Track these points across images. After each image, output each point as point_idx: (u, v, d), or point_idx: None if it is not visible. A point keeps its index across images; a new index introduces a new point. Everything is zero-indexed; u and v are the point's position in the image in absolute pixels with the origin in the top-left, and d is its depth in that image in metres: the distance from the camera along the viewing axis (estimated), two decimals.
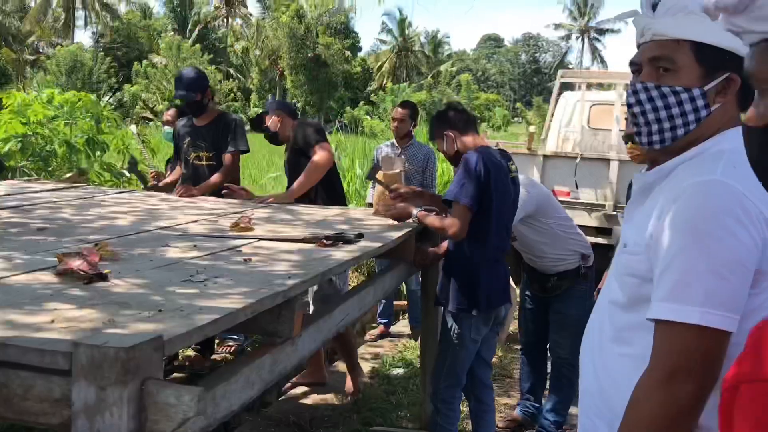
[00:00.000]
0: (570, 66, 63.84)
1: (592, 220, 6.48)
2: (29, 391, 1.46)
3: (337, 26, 44.09)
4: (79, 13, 49.31)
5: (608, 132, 7.15)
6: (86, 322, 1.63)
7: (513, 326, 5.45)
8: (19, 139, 5.60)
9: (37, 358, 1.44)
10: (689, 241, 1.24)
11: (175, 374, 4.33)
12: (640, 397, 1.26)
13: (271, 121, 4.36)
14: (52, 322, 1.63)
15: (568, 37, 69.67)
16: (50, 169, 5.91)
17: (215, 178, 4.39)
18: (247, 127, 4.85)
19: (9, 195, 3.89)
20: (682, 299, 1.22)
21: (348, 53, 43.74)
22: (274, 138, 4.43)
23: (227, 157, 4.47)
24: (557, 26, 68.46)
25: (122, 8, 51.25)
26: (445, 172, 10.29)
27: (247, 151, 4.64)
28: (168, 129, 5.41)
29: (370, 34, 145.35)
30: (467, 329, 3.27)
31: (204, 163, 4.55)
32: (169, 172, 5.14)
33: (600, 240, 6.02)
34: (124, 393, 1.37)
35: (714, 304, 1.20)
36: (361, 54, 51.17)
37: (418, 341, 4.95)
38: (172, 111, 5.66)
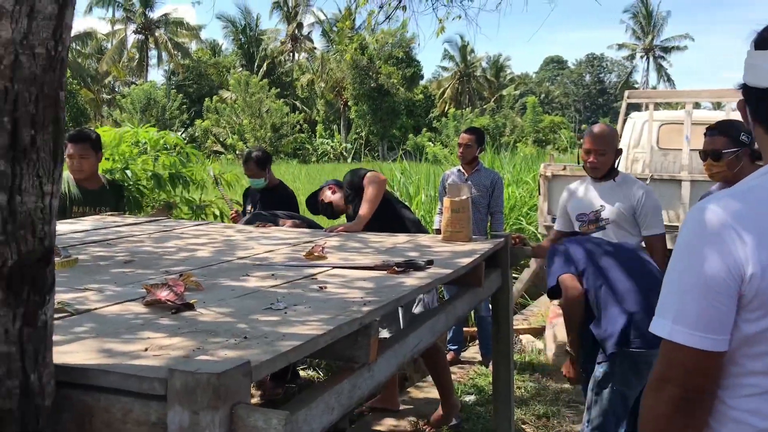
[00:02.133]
0: (636, 85, 62.62)
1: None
2: (128, 415, 1.55)
3: (399, 56, 44.61)
4: (152, 53, 51.56)
5: (678, 152, 7.01)
6: (178, 349, 1.73)
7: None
8: (110, 174, 5.91)
9: (135, 384, 1.53)
10: (673, 261, 1.38)
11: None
12: (642, 401, 1.42)
13: (325, 193, 4.61)
14: (146, 350, 1.73)
15: (632, 57, 68.42)
16: (141, 203, 6.20)
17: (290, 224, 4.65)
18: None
19: (96, 229, 4.10)
20: (660, 314, 1.38)
21: (406, 81, 44.09)
22: (331, 212, 4.60)
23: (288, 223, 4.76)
24: (620, 46, 67.38)
25: (193, 46, 53.30)
26: (511, 196, 10.24)
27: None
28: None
29: (432, 61, 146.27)
30: (610, 377, 3.21)
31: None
32: (250, 207, 5.43)
33: None
34: (215, 417, 1.45)
35: (682, 322, 1.33)
36: (423, 81, 51.56)
37: (490, 368, 4.93)
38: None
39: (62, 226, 3.97)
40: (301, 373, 5.31)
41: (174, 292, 2.28)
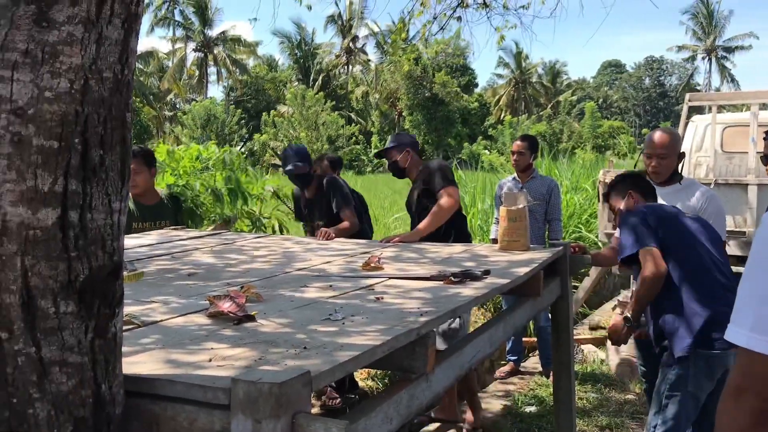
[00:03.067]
0: (697, 88, 60.90)
1: (732, 249, 6.15)
2: (193, 424, 1.61)
3: (454, 65, 44.56)
4: (212, 69, 52.90)
5: (744, 155, 6.80)
6: (240, 359, 1.78)
7: None
8: (172, 190, 6.10)
9: (200, 393, 1.59)
10: (750, 267, 1.29)
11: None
12: (719, 407, 1.32)
13: (402, 157, 4.52)
14: (210, 360, 1.79)
15: (693, 58, 66.61)
16: (200, 216, 6.37)
17: (344, 225, 4.65)
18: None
19: (160, 243, 4.23)
20: (737, 322, 1.29)
21: (460, 89, 43.99)
22: (400, 172, 4.60)
23: (344, 215, 4.78)
24: (680, 48, 65.67)
25: (250, 63, 54.46)
26: (570, 203, 10.08)
27: (350, 204, 4.88)
28: None
29: (487, 68, 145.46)
30: (684, 379, 3.14)
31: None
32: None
33: (742, 269, 5.69)
34: (277, 426, 1.48)
35: (761, 330, 1.24)
36: (477, 89, 51.35)
37: (550, 378, 4.86)
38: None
39: (128, 241, 4.11)
40: (359, 383, 5.35)
41: (236, 304, 2.34)
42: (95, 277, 1.47)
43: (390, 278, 3.02)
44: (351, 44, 55.75)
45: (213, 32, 52.76)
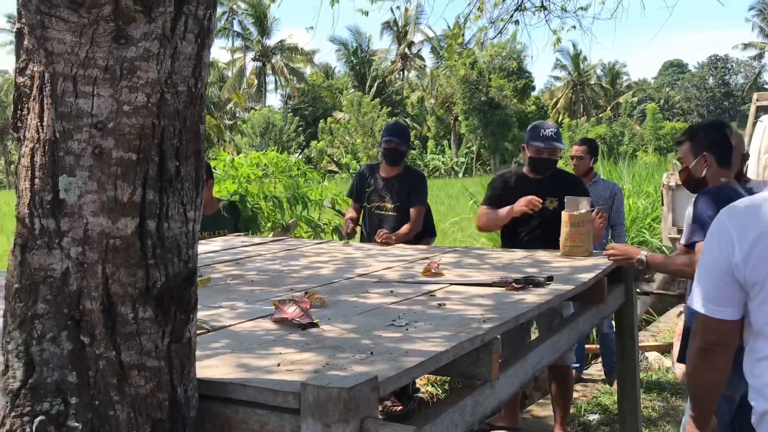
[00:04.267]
0: (766, 87, 58.72)
1: None
2: (264, 427, 1.64)
3: (510, 68, 44.19)
4: (270, 78, 53.80)
5: None
6: (308, 364, 1.81)
7: None
8: (232, 197, 6.24)
9: (270, 397, 1.62)
10: (702, 252, 2.07)
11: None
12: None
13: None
14: (279, 365, 1.83)
15: (760, 56, 64.26)
16: (260, 223, 6.50)
17: (405, 228, 4.62)
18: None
19: (225, 249, 4.33)
20: (695, 293, 1.97)
21: (517, 93, 43.56)
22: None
23: (414, 211, 4.70)
24: (746, 46, 63.44)
25: (307, 71, 55.17)
26: (632, 208, 9.87)
27: (425, 203, 4.85)
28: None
29: (543, 71, 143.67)
30: None
31: (384, 213, 4.79)
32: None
33: None
34: (346, 430, 1.51)
35: (706, 299, 1.92)
36: (534, 92, 50.75)
37: (614, 386, 4.76)
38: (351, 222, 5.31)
39: None
40: (421, 389, 5.35)
41: (300, 308, 2.39)
42: (171, 283, 1.52)
43: (451, 284, 3.02)
44: (407, 50, 55.88)
45: (271, 42, 53.68)
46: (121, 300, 1.48)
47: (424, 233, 4.86)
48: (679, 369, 5.54)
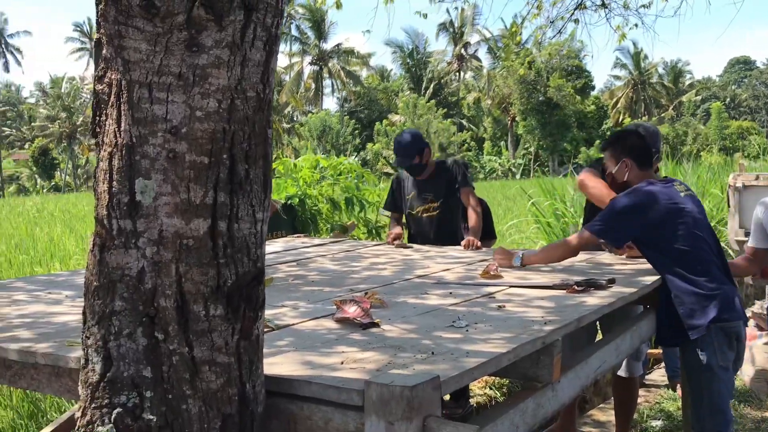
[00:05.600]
0: None
1: None
2: (329, 423, 1.68)
3: (569, 67, 43.51)
4: (327, 82, 54.33)
5: None
6: (371, 363, 1.84)
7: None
8: (293, 199, 6.35)
9: (335, 394, 1.66)
10: None
11: None
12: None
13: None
14: (342, 363, 1.86)
15: None
16: (319, 224, 6.60)
17: (474, 221, 4.55)
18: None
19: (286, 250, 4.42)
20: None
21: (572, 92, 42.83)
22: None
23: (464, 196, 4.61)
24: None
25: (363, 73, 55.51)
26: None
27: (471, 184, 4.74)
28: None
29: (603, 70, 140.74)
30: (712, 356, 3.10)
31: (431, 214, 4.75)
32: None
33: None
34: (409, 428, 1.53)
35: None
36: (594, 92, 49.84)
37: (678, 392, 4.66)
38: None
39: None
40: (478, 392, 5.33)
41: (361, 308, 2.42)
42: (241, 282, 1.58)
43: (511, 286, 3.01)
44: (463, 51, 55.65)
45: (328, 45, 54.23)
46: (194, 298, 1.54)
47: (484, 235, 4.81)
48: (747, 375, 5.38)
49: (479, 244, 4.33)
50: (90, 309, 1.59)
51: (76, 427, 1.60)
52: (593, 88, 49.20)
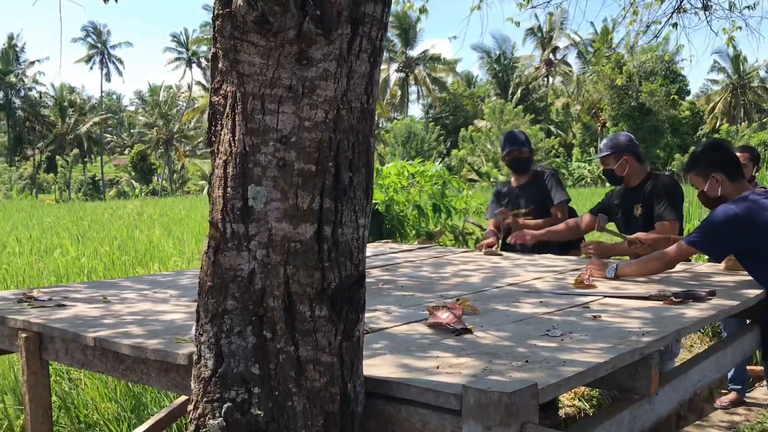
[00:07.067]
0: None
1: None
2: (426, 426, 1.72)
3: (662, 72, 42.05)
4: (412, 89, 54.57)
5: None
6: (467, 368, 1.87)
7: None
8: (380, 205, 6.44)
9: (432, 397, 1.69)
10: None
11: None
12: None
13: (619, 165, 4.19)
14: (438, 367, 1.90)
15: None
16: (405, 232, 6.66)
17: (538, 222, 4.56)
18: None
19: (375, 255, 4.49)
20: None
21: (675, 97, 41.29)
22: (616, 180, 4.32)
23: (554, 209, 4.62)
24: None
25: (449, 80, 55.44)
26: None
27: (569, 200, 4.71)
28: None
29: (699, 74, 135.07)
30: None
31: (531, 225, 4.72)
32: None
33: None
34: None
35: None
36: (689, 97, 47.94)
37: None
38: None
39: None
40: (566, 402, 5.24)
41: (453, 314, 2.45)
42: (344, 285, 1.64)
43: (605, 296, 2.97)
44: (551, 55, 54.73)
45: (414, 52, 54.49)
46: (300, 299, 1.61)
47: (573, 244, 4.75)
48: None
49: (527, 238, 4.40)
50: (204, 307, 1.68)
51: (189, 420, 1.70)
52: (688, 92, 47.34)
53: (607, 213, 4.40)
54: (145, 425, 3.66)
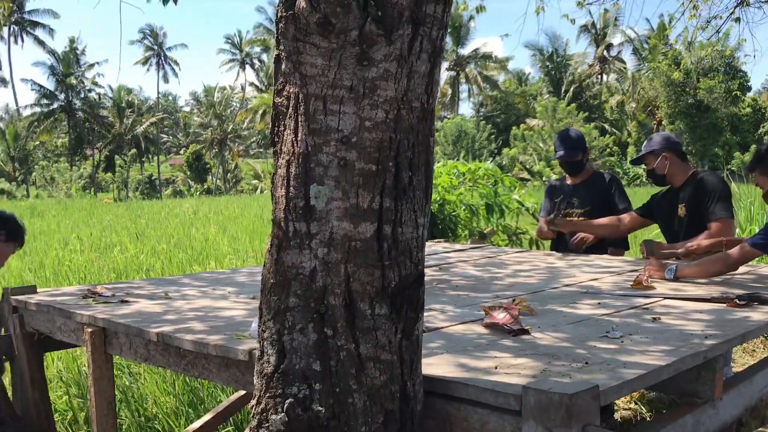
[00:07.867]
0: None
1: None
2: (485, 426, 1.72)
3: (722, 68, 40.84)
4: (463, 87, 54.31)
5: None
6: (526, 369, 1.86)
7: None
8: (432, 205, 6.45)
9: (492, 398, 1.69)
10: None
11: None
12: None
13: (659, 162, 4.13)
14: (496, 368, 1.89)
15: None
16: (457, 232, 6.64)
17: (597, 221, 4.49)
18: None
19: (428, 255, 4.48)
20: None
21: (737, 93, 40.06)
22: (659, 180, 4.24)
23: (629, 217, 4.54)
24: None
25: (501, 78, 54.98)
26: None
27: (631, 208, 4.61)
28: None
29: (761, 70, 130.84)
30: None
31: (575, 219, 4.64)
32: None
33: None
34: None
35: None
36: (750, 93, 46.42)
37: None
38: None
39: None
40: (622, 406, 5.15)
41: (510, 315, 2.44)
42: (404, 283, 1.65)
43: (666, 298, 2.91)
44: (605, 52, 53.74)
45: (465, 51, 54.21)
46: (360, 297, 1.63)
47: (614, 243, 4.64)
48: None
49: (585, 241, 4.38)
50: (266, 304, 1.72)
51: (251, 414, 1.74)
52: (749, 89, 45.84)
53: (650, 213, 4.32)
54: (206, 417, 3.76)
